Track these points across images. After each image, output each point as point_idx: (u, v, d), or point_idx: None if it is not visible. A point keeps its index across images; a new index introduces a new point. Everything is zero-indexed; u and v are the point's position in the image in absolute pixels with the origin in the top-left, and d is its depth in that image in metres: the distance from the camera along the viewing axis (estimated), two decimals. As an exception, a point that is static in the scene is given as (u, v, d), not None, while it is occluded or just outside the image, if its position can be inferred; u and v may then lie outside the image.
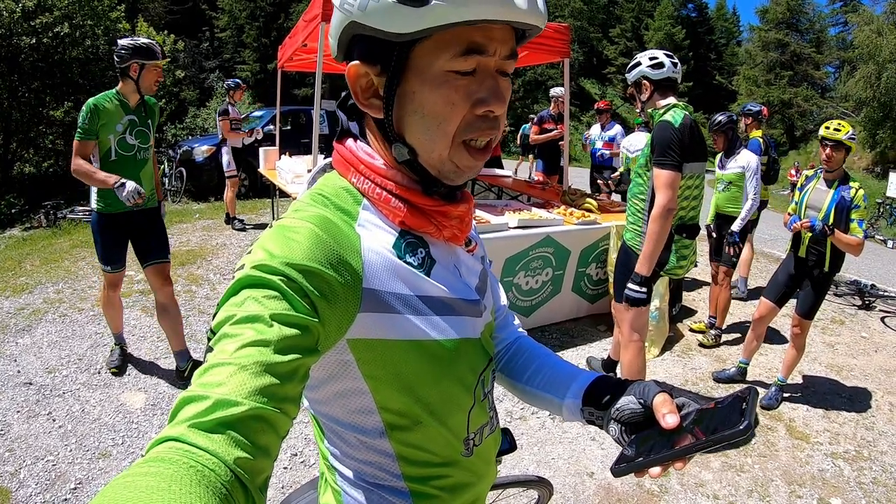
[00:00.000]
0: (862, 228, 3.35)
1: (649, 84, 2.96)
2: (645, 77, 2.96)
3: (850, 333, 5.27)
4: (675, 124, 2.80)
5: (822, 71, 33.55)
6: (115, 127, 3.27)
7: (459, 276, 0.86)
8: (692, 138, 2.82)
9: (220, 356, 0.56)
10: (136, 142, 3.37)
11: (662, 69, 2.92)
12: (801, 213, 3.61)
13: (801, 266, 3.64)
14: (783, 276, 3.75)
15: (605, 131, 7.82)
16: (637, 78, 3.00)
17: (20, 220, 8.25)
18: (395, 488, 0.85)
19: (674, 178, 2.77)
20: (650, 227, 2.83)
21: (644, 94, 3.00)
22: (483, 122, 0.74)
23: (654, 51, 3.01)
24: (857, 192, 3.41)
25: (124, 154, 3.33)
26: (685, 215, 3.03)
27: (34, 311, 4.61)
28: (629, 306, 2.98)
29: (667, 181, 2.76)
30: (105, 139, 3.26)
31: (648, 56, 2.98)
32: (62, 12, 9.50)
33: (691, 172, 2.92)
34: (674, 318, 5.06)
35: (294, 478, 2.80)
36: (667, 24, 39.02)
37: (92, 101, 3.23)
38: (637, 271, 2.90)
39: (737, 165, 4.83)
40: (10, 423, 3.11)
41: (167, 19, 24.23)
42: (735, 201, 4.92)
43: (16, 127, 10.16)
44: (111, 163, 3.30)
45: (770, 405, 3.74)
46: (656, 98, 2.98)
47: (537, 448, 3.16)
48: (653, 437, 0.77)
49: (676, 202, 2.80)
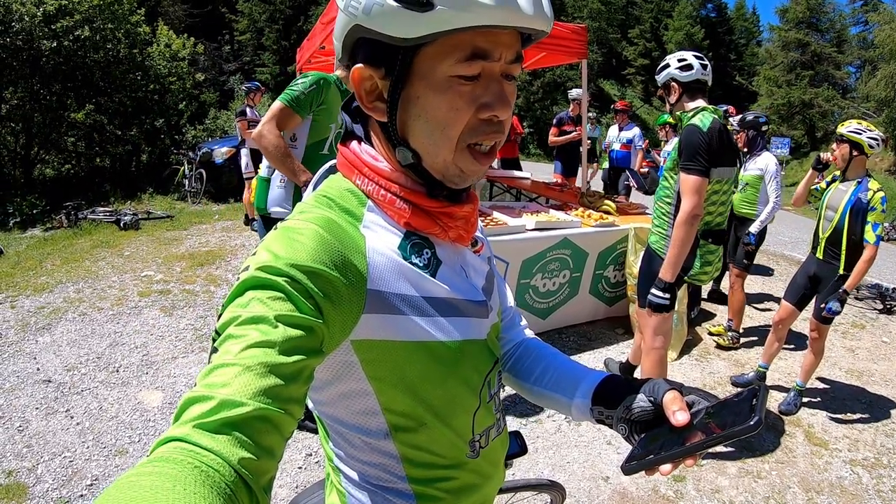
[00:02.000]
0: (876, 233, 3.28)
1: (678, 86, 2.93)
2: (673, 79, 2.93)
3: (871, 338, 5.18)
4: (704, 128, 2.74)
5: (843, 71, 33.01)
6: (339, 118, 2.59)
7: (466, 276, 0.86)
8: (721, 143, 2.77)
9: (224, 357, 0.57)
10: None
11: (691, 71, 2.88)
12: (820, 212, 3.59)
13: (819, 267, 3.60)
14: (802, 277, 3.71)
15: (623, 132, 7.77)
16: (666, 80, 2.97)
17: (41, 221, 8.37)
18: (399, 490, 0.85)
19: (701, 183, 2.72)
20: (675, 232, 2.79)
21: (673, 96, 2.97)
22: (487, 126, 0.74)
23: (684, 52, 2.96)
24: (875, 194, 3.34)
25: (326, 155, 2.84)
26: (712, 220, 2.98)
27: (54, 309, 4.68)
28: (652, 312, 2.94)
29: (693, 187, 2.72)
30: (325, 126, 2.82)
31: (677, 58, 2.94)
32: (83, 16, 9.61)
33: (719, 177, 2.88)
34: (692, 321, 5.01)
35: (309, 478, 2.81)
36: (686, 24, 38.66)
37: (323, 76, 2.78)
38: (661, 277, 2.86)
39: (756, 167, 4.86)
40: (29, 419, 3.16)
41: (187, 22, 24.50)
42: (751, 203, 4.96)
43: (37, 129, 10.31)
44: (320, 156, 2.82)
45: (789, 410, 3.69)
46: (685, 100, 2.95)
47: (552, 451, 3.14)
48: (663, 434, 0.77)
49: (702, 208, 2.76)
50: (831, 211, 3.51)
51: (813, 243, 3.69)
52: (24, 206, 8.53)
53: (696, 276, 3.03)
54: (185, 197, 10.40)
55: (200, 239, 7.28)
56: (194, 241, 7.15)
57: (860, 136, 3.38)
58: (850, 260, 3.41)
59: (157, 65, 11.50)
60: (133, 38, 10.84)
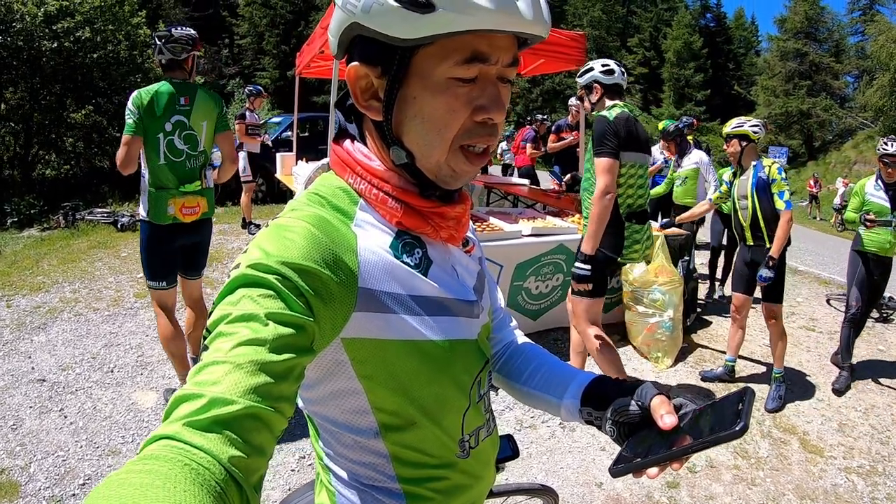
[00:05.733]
0: (783, 199, 3.62)
1: (600, 87, 3.23)
2: (596, 81, 3.23)
3: (867, 346, 5.18)
4: (611, 118, 3.04)
5: (841, 80, 33.15)
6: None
7: (457, 276, 0.86)
8: (627, 130, 3.05)
9: (215, 354, 0.56)
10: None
11: (613, 75, 3.21)
12: (734, 205, 3.94)
13: (753, 252, 3.88)
14: (741, 266, 4.00)
15: None
16: (589, 81, 3.26)
17: (39, 221, 8.37)
18: (389, 490, 0.85)
19: (611, 164, 2.99)
20: (592, 209, 3.03)
21: (594, 95, 3.26)
22: (482, 128, 0.74)
23: (607, 59, 3.30)
24: (771, 168, 3.71)
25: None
26: (633, 203, 3.19)
27: (50, 309, 4.67)
28: (575, 283, 3.10)
29: (604, 167, 2.99)
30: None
31: (601, 63, 3.26)
32: (84, 17, 9.63)
33: (633, 162, 3.12)
34: (688, 329, 5.02)
35: (302, 480, 2.80)
36: (685, 33, 38.79)
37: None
38: (582, 250, 3.07)
39: (691, 162, 5.92)
40: (23, 418, 3.15)
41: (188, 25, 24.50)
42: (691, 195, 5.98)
43: (37, 129, 10.32)
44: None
45: (776, 408, 3.81)
46: (605, 101, 3.23)
47: (546, 457, 3.14)
48: (651, 437, 0.77)
49: (615, 186, 3.02)
50: (744, 200, 3.84)
51: (740, 235, 3.98)
52: (21, 206, 8.53)
53: (627, 256, 3.22)
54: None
55: (198, 241, 7.26)
56: (192, 242, 7.15)
57: (744, 128, 3.81)
58: (771, 234, 3.72)
59: (158, 67, 11.48)
60: (133, 39, 10.85)
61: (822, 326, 5.72)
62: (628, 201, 3.16)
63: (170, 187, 3.03)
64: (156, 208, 3.01)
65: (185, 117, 3.03)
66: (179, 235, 3.12)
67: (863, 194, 4.28)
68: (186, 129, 3.04)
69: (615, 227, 3.12)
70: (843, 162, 26.54)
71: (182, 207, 3.04)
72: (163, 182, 3.01)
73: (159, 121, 2.94)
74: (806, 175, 24.88)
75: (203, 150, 3.16)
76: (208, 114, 3.14)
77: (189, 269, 3.32)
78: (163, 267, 3.12)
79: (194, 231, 3.19)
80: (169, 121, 2.96)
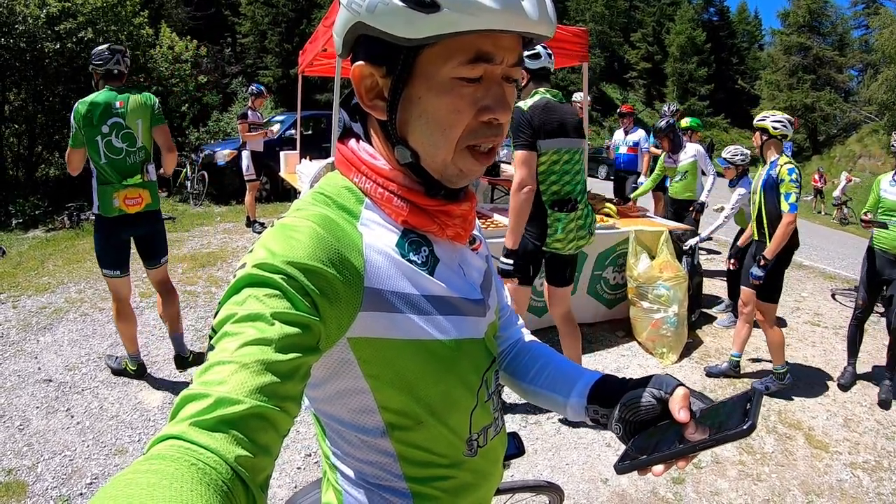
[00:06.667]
0: (789, 201, 3.56)
1: (526, 73, 3.14)
2: (523, 66, 3.11)
3: (873, 342, 5.16)
4: (525, 108, 2.98)
5: (845, 74, 33.00)
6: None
7: (463, 275, 0.86)
8: (544, 118, 2.97)
9: (221, 354, 0.57)
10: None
11: (539, 59, 3.11)
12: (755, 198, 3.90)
13: (758, 248, 3.87)
14: (748, 259, 3.99)
15: (628, 136, 7.77)
16: None
17: (43, 221, 8.39)
18: (396, 489, 0.85)
19: (526, 156, 2.94)
20: (510, 202, 2.99)
21: (521, 82, 3.13)
22: (487, 128, 0.74)
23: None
24: (782, 168, 3.63)
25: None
26: (560, 190, 3.10)
27: (56, 309, 4.69)
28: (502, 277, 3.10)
29: (520, 159, 2.94)
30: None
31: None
32: (86, 18, 9.61)
33: (556, 148, 3.03)
34: (692, 324, 5.01)
35: (307, 478, 2.81)
36: (688, 27, 38.69)
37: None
38: (505, 245, 3.07)
39: (688, 156, 5.92)
40: (30, 418, 3.17)
41: (190, 25, 24.48)
42: (690, 189, 5.99)
43: (40, 130, 10.33)
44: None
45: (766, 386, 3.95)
46: (531, 87, 3.14)
47: (552, 453, 3.14)
48: (656, 435, 0.77)
49: (533, 179, 2.97)
50: (755, 195, 3.87)
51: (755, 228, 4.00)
52: (26, 207, 8.55)
53: (551, 245, 3.15)
54: (187, 199, 10.42)
55: (202, 240, 7.29)
56: (196, 242, 7.17)
57: (765, 122, 3.76)
58: (773, 233, 3.69)
59: (160, 67, 11.50)
60: (136, 40, 10.84)
61: (828, 321, 5.71)
62: (553, 188, 3.08)
63: (113, 182, 3.33)
64: (103, 202, 3.33)
65: (121, 118, 3.33)
66: (127, 227, 3.42)
67: (878, 191, 4.19)
68: (124, 129, 3.34)
69: (539, 216, 3.08)
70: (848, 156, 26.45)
71: (125, 199, 3.34)
72: (107, 178, 3.33)
73: (97, 127, 3.26)
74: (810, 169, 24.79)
75: (142, 146, 3.44)
76: (142, 112, 3.40)
77: (147, 260, 3.59)
78: (114, 256, 3.41)
79: (141, 223, 3.47)
80: (105, 124, 3.28)
